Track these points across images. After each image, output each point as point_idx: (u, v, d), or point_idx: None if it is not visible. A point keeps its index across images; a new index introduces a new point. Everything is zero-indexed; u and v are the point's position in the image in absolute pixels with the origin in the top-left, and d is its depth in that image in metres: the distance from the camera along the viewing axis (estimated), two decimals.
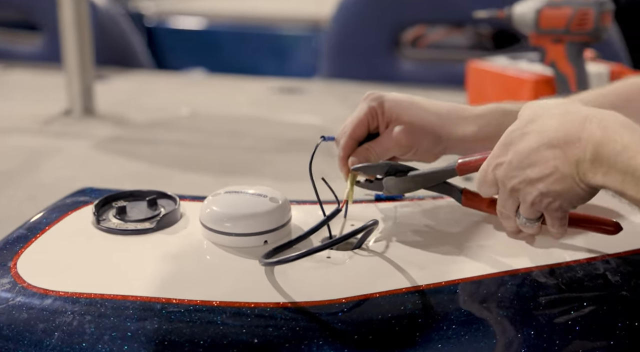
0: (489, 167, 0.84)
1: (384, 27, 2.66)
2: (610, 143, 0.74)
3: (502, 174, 0.82)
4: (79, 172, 1.61)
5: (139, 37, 3.17)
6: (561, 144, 0.77)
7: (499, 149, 0.83)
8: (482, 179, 0.85)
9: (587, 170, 0.76)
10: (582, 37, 1.53)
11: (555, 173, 0.78)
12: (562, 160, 0.78)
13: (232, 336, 0.74)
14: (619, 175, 0.74)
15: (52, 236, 0.92)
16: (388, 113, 0.97)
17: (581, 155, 0.76)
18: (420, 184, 0.93)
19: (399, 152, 0.98)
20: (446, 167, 0.91)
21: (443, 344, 0.73)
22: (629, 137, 0.74)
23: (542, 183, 0.80)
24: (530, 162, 0.80)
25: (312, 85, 2.72)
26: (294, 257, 0.82)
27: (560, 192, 0.79)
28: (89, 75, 2.04)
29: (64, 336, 0.74)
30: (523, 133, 0.81)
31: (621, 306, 0.79)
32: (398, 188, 0.95)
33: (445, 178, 0.92)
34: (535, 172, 0.79)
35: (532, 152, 0.79)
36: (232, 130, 1.95)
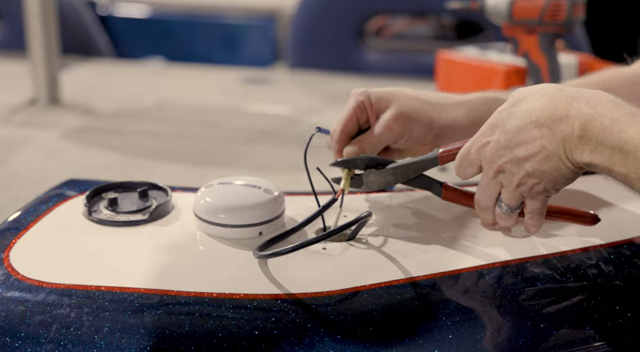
0: (473, 146, 0.85)
1: (349, 16, 2.66)
2: (599, 118, 0.75)
3: (489, 154, 0.83)
4: (49, 163, 1.59)
5: (98, 26, 3.13)
6: (548, 122, 0.78)
7: (485, 128, 0.84)
8: (464, 157, 0.86)
9: (574, 146, 0.77)
10: (555, 28, 1.54)
11: (542, 151, 0.79)
12: (549, 138, 0.78)
13: (229, 328, 0.74)
14: (607, 150, 0.74)
15: (43, 228, 0.91)
16: (377, 105, 0.98)
17: (569, 131, 0.77)
18: (401, 176, 0.93)
19: (391, 139, 0.98)
20: (427, 157, 0.92)
21: (439, 334, 0.74)
22: (617, 112, 0.75)
23: (529, 162, 0.80)
24: (517, 141, 0.80)
25: (278, 75, 2.71)
26: (288, 250, 0.82)
27: (546, 171, 0.80)
28: (54, 64, 2.00)
29: (61, 329, 0.74)
30: (510, 112, 0.81)
31: (614, 295, 0.80)
32: (378, 182, 0.94)
33: (426, 168, 0.92)
34: (523, 151, 0.80)
35: (520, 131, 0.80)
36: (203, 121, 1.93)
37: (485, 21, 2.61)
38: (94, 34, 3.04)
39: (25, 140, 1.73)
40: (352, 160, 0.95)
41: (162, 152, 1.67)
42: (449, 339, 0.73)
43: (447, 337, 0.73)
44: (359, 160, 0.94)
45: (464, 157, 0.86)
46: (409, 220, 0.94)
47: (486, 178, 0.85)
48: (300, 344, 0.72)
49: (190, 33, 3.61)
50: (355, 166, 0.95)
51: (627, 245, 0.88)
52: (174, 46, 3.56)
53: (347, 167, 0.95)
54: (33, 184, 1.39)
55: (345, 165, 0.95)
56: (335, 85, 2.33)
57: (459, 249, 0.87)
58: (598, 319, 0.76)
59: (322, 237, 0.84)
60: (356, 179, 0.95)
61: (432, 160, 0.91)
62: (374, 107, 0.99)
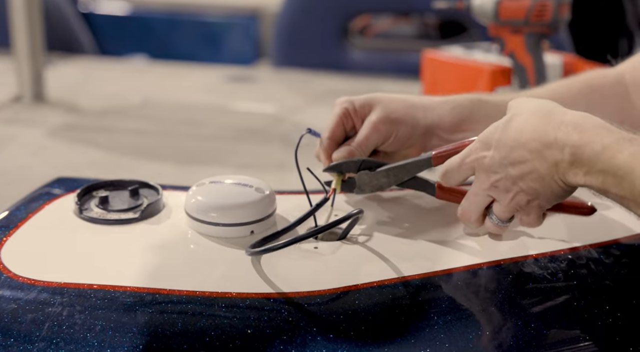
0: (467, 156, 0.85)
1: (333, 15, 2.66)
2: (589, 144, 0.75)
3: (484, 168, 0.84)
4: (35, 160, 1.58)
5: (81, 23, 3.12)
6: (538, 145, 0.79)
7: (481, 142, 0.84)
8: (456, 166, 0.86)
9: (566, 170, 0.77)
10: (541, 28, 1.55)
11: (534, 172, 0.80)
12: (540, 161, 0.79)
13: (221, 327, 0.74)
14: (600, 175, 0.75)
15: (34, 226, 0.91)
16: (361, 110, 0.99)
17: (559, 157, 0.77)
18: (394, 178, 0.94)
19: (379, 140, 0.99)
20: (420, 158, 0.92)
21: (431, 333, 0.74)
22: (608, 137, 0.75)
23: (523, 181, 0.81)
24: (511, 160, 0.81)
25: (262, 74, 2.71)
26: (280, 245, 0.82)
27: (539, 190, 0.81)
28: (39, 61, 2.00)
29: (53, 327, 0.74)
30: (505, 129, 0.82)
31: (604, 295, 0.81)
32: (371, 184, 0.95)
33: (420, 170, 0.93)
34: (517, 170, 0.81)
35: (513, 150, 0.81)
36: (188, 119, 1.93)
37: (468, 21, 2.63)
38: (77, 31, 3.03)
39: (10, 138, 1.72)
40: (345, 163, 0.95)
41: (148, 151, 1.67)
42: (441, 338, 0.73)
43: (439, 337, 0.74)
44: (352, 163, 0.95)
45: (455, 166, 0.87)
46: (401, 219, 0.95)
47: (477, 190, 0.86)
48: (293, 343, 0.72)
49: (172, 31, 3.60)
50: (348, 169, 0.95)
51: (616, 245, 0.89)
52: (155, 44, 3.55)
53: (340, 170, 0.95)
54: (19, 181, 1.39)
55: (337, 169, 0.95)
56: (320, 84, 2.34)
57: (450, 248, 0.88)
58: (588, 318, 0.77)
59: (313, 233, 0.84)
60: (349, 182, 0.95)
61: (425, 162, 0.91)
62: (358, 113, 0.99)
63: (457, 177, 0.87)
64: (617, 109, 1.02)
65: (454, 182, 0.88)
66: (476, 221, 0.88)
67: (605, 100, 1.03)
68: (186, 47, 3.57)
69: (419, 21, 3.12)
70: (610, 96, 1.02)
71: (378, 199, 1.00)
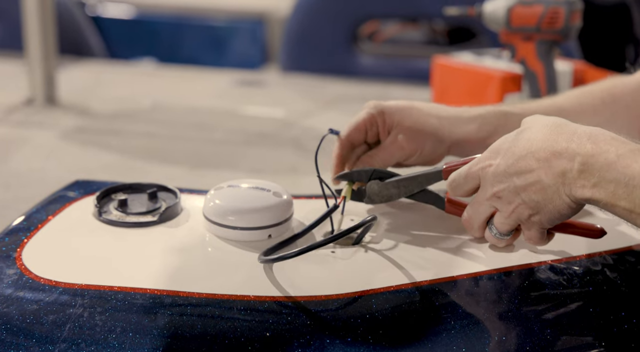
0: (474, 166, 0.85)
1: (342, 20, 2.67)
2: (603, 154, 0.75)
3: (489, 176, 0.84)
4: (49, 163, 1.59)
5: (91, 27, 3.13)
6: (547, 154, 0.79)
7: (489, 152, 0.85)
8: (463, 174, 0.86)
9: (574, 181, 0.77)
10: (552, 36, 1.56)
11: (538, 183, 0.80)
12: (546, 171, 0.79)
13: (240, 329, 0.75)
14: (611, 185, 0.74)
15: (55, 228, 0.92)
16: (389, 120, 0.99)
17: (568, 166, 0.77)
18: (404, 190, 0.94)
19: (402, 157, 0.99)
20: (431, 171, 0.92)
21: (447, 338, 0.75)
22: (622, 148, 0.75)
23: (525, 192, 0.81)
24: (516, 170, 0.81)
25: (271, 78, 2.72)
26: (291, 254, 0.83)
27: (540, 203, 0.81)
28: (51, 64, 2.00)
29: (74, 328, 0.74)
30: (514, 140, 0.82)
31: (620, 301, 0.81)
32: (381, 195, 0.96)
33: (430, 182, 0.93)
34: (521, 180, 0.81)
35: (519, 159, 0.81)
36: (199, 123, 1.94)
37: (477, 27, 2.64)
38: (87, 35, 3.04)
39: (23, 140, 1.73)
40: (356, 172, 0.96)
41: (160, 154, 1.68)
42: (458, 342, 0.74)
43: (455, 341, 0.74)
44: (363, 172, 0.96)
45: (462, 176, 0.87)
46: (416, 225, 0.95)
47: (481, 198, 0.86)
48: (311, 346, 0.73)
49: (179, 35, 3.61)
50: (359, 178, 0.96)
51: (631, 252, 0.89)
52: (161, 48, 3.56)
53: (351, 179, 0.96)
54: (34, 184, 1.40)
55: (348, 178, 0.96)
56: (329, 89, 2.35)
57: (465, 255, 0.89)
58: (603, 325, 0.77)
59: (326, 242, 0.85)
60: (359, 192, 0.96)
61: (436, 175, 0.92)
62: (386, 123, 0.99)
63: (463, 186, 0.87)
64: (637, 119, 1.03)
65: (460, 192, 0.88)
66: (478, 230, 0.89)
67: (627, 109, 1.03)
68: (193, 51, 3.58)
69: (427, 27, 3.12)
70: (632, 105, 1.03)
71: (392, 205, 1.00)
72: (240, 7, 3.64)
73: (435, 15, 2.72)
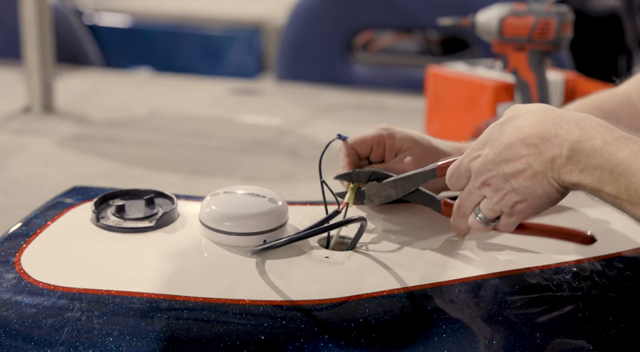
0: (464, 159, 0.87)
1: (337, 30, 2.68)
2: (590, 140, 0.77)
3: (477, 166, 0.85)
4: (47, 170, 1.60)
5: (88, 35, 3.14)
6: (536, 141, 0.80)
7: (477, 143, 0.86)
8: (456, 169, 0.88)
9: (562, 166, 0.79)
10: (544, 46, 1.58)
11: (528, 169, 0.81)
12: (536, 157, 0.80)
13: (236, 333, 0.76)
14: (597, 171, 0.76)
15: (53, 233, 0.93)
16: (399, 143, 1.01)
17: (557, 152, 0.79)
18: (401, 189, 0.96)
19: None
20: (426, 169, 0.94)
21: (439, 342, 0.76)
22: (609, 135, 0.77)
23: (515, 179, 0.82)
24: (505, 157, 0.82)
25: (266, 87, 2.73)
26: (280, 243, 0.86)
27: (530, 188, 0.82)
28: (49, 72, 2.02)
29: (72, 332, 0.76)
30: (501, 129, 0.84)
31: (608, 306, 0.82)
32: (380, 195, 0.98)
33: (426, 180, 0.95)
34: (510, 168, 0.82)
35: (508, 147, 0.82)
36: (195, 131, 1.95)
37: (471, 37, 2.65)
38: (84, 43, 3.05)
39: (21, 148, 1.75)
40: (355, 173, 0.98)
41: (157, 161, 1.69)
42: (449, 346, 0.75)
43: (447, 345, 0.76)
44: (362, 174, 0.98)
45: (456, 170, 0.88)
46: (410, 230, 0.97)
47: (471, 187, 0.87)
48: (305, 349, 0.74)
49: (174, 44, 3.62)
50: (358, 179, 0.98)
51: (619, 258, 0.91)
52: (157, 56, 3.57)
53: (350, 180, 0.98)
54: (33, 190, 1.41)
55: (348, 179, 0.98)
56: (324, 98, 2.36)
57: (458, 260, 0.90)
58: (592, 329, 0.79)
59: (313, 232, 0.87)
60: (359, 193, 0.98)
61: (431, 173, 0.94)
62: (396, 145, 1.01)
63: (458, 179, 0.88)
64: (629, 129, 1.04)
65: (458, 185, 0.89)
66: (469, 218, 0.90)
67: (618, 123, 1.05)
68: (189, 60, 3.59)
69: (421, 37, 3.14)
70: (622, 119, 1.04)
71: (387, 210, 1.02)
72: (236, 16, 3.65)
73: (429, 25, 2.74)
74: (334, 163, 1.01)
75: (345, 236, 0.94)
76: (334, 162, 1.01)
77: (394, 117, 2.18)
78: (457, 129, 1.78)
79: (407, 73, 2.71)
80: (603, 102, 1.08)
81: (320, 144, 1.00)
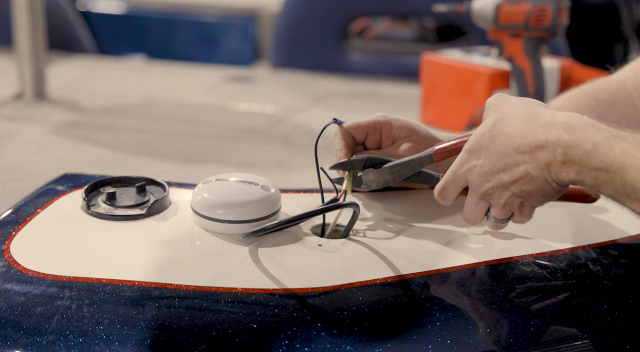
0: (459, 169, 0.87)
1: (332, 18, 2.68)
2: (580, 144, 0.77)
3: (475, 178, 0.85)
4: (38, 157, 1.59)
5: (81, 22, 3.13)
6: (529, 149, 0.80)
7: (470, 153, 0.86)
8: (452, 179, 0.88)
9: (558, 170, 0.79)
10: (540, 33, 1.57)
11: (526, 176, 0.81)
12: (532, 164, 0.80)
13: (227, 321, 0.75)
14: (592, 172, 0.77)
15: (43, 221, 0.92)
16: (397, 130, 1.01)
17: (551, 157, 0.79)
18: (398, 175, 0.96)
19: None
20: (422, 155, 0.94)
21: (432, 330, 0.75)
22: (598, 136, 0.77)
23: (515, 185, 0.83)
24: (502, 167, 0.82)
25: (261, 75, 2.73)
26: (271, 227, 0.85)
27: (532, 192, 0.83)
28: (41, 58, 2.01)
29: (62, 320, 0.75)
30: (492, 137, 0.83)
31: (602, 294, 0.82)
32: (377, 181, 0.97)
33: (422, 166, 0.95)
34: (508, 176, 0.82)
35: (503, 156, 0.82)
36: (189, 118, 1.95)
37: (466, 25, 2.65)
38: (77, 30, 3.04)
39: (12, 135, 1.74)
40: (350, 161, 0.97)
41: (149, 149, 1.69)
42: (443, 334, 0.75)
43: (440, 333, 0.75)
44: (357, 161, 0.97)
45: (450, 180, 0.88)
46: (404, 218, 0.96)
47: (474, 199, 0.87)
48: (297, 337, 0.74)
49: (169, 31, 3.62)
50: (353, 167, 0.97)
51: (614, 246, 0.90)
52: (152, 43, 3.56)
53: (347, 169, 0.97)
54: (24, 178, 1.40)
55: (343, 167, 0.98)
56: (319, 86, 2.36)
57: (452, 248, 0.89)
58: (586, 317, 0.78)
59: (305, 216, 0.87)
60: (356, 179, 0.98)
61: (427, 158, 0.94)
62: (393, 132, 1.01)
63: (453, 190, 0.89)
64: (623, 117, 1.04)
65: (451, 196, 0.89)
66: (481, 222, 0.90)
67: (612, 110, 1.05)
68: (183, 47, 3.58)
69: (417, 24, 3.13)
70: (616, 106, 1.04)
71: (382, 197, 1.01)
72: (231, 3, 3.65)
73: (424, 12, 2.73)
74: (330, 151, 1.00)
75: (340, 224, 0.94)
76: (329, 149, 1.00)
77: (389, 104, 2.18)
78: (453, 116, 1.78)
79: (403, 60, 2.70)
80: (597, 90, 1.08)
81: (315, 132, 1.00)
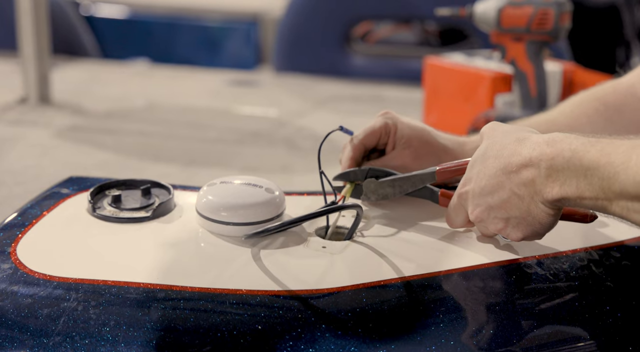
0: (456, 196, 0.88)
1: (335, 21, 2.68)
2: (560, 153, 0.77)
3: (467, 203, 0.86)
4: (43, 161, 1.60)
5: (85, 26, 3.14)
6: (515, 168, 0.80)
7: (465, 179, 0.87)
8: (452, 208, 0.90)
9: (543, 186, 0.79)
10: (542, 36, 1.58)
11: (512, 197, 0.81)
12: (517, 183, 0.80)
13: (232, 323, 0.75)
14: (574, 179, 0.76)
15: (49, 223, 0.92)
16: (400, 134, 1.02)
17: (536, 173, 0.79)
18: (399, 189, 0.97)
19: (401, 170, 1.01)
20: (425, 172, 0.95)
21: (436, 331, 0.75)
22: (575, 142, 0.77)
23: (502, 210, 0.83)
24: (489, 190, 0.83)
25: (264, 78, 2.73)
26: (273, 228, 0.85)
27: (520, 217, 0.82)
28: (45, 63, 2.01)
29: (69, 321, 0.75)
30: (483, 160, 0.84)
31: (605, 296, 0.82)
32: (377, 193, 0.98)
33: (424, 183, 0.96)
34: (495, 199, 0.83)
35: (490, 178, 0.83)
36: (192, 122, 1.95)
37: (469, 28, 2.65)
38: (81, 34, 3.05)
39: (17, 139, 1.74)
40: (353, 172, 0.99)
41: (153, 152, 1.69)
42: (446, 336, 0.75)
43: (444, 335, 0.75)
44: (359, 172, 0.99)
45: (452, 208, 0.90)
46: (407, 220, 0.97)
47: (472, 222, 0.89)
48: (302, 339, 0.74)
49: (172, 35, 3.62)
50: (355, 178, 0.99)
51: (616, 247, 0.91)
52: (155, 48, 3.57)
53: (349, 180, 0.99)
54: (29, 181, 1.40)
55: (346, 178, 0.99)
56: (322, 89, 2.36)
57: (455, 250, 0.90)
58: (589, 318, 0.79)
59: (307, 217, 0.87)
60: (357, 188, 0.99)
61: (429, 176, 0.95)
62: (397, 135, 1.02)
63: (455, 217, 0.90)
64: (632, 121, 1.04)
65: (458, 222, 0.91)
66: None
67: (620, 115, 1.04)
68: (187, 51, 3.59)
69: (419, 28, 3.14)
70: (625, 111, 1.04)
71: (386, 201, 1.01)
72: (234, 7, 3.65)
73: (427, 16, 2.74)
74: (333, 155, 1.00)
75: (342, 226, 0.94)
76: (332, 153, 1.00)
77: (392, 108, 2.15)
78: (455, 120, 1.78)
79: (405, 64, 2.71)
80: (605, 94, 1.08)
81: (318, 135, 1.00)
